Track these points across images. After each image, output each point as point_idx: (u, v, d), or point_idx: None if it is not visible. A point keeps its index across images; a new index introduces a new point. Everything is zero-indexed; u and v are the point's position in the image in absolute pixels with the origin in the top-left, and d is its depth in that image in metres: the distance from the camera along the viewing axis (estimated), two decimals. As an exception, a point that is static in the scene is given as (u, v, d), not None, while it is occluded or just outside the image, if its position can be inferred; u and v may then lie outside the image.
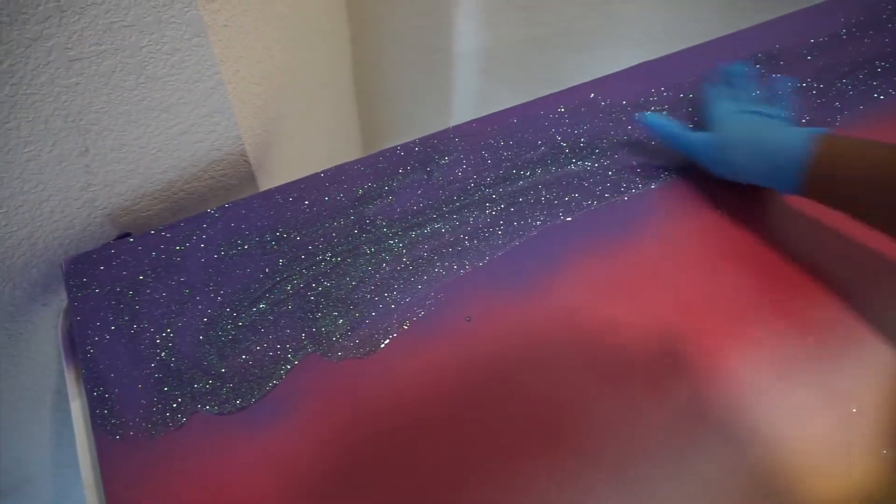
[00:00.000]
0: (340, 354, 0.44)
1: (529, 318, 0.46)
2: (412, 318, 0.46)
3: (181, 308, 0.46)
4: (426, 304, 0.46)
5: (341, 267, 0.48)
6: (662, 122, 0.53)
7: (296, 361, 0.44)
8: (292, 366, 0.44)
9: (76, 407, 0.45)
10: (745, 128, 0.49)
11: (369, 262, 0.48)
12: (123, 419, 0.42)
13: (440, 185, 0.52)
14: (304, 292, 0.47)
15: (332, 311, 0.46)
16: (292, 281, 0.47)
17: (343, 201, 0.51)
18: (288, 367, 0.44)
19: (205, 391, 0.43)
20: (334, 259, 0.48)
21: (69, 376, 0.46)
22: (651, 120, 0.53)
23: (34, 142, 0.44)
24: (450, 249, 0.49)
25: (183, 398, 0.43)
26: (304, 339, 0.45)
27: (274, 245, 0.49)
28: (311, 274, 0.47)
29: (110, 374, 0.43)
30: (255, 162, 0.57)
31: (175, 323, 0.45)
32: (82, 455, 0.43)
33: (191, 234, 0.49)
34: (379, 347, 0.45)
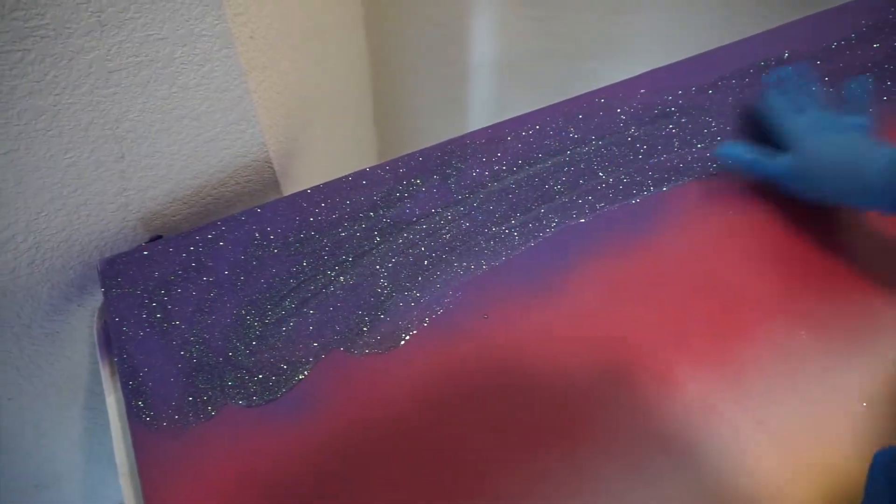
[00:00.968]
0: (363, 350, 0.46)
1: (545, 317, 0.47)
2: (432, 316, 0.47)
3: (210, 306, 0.48)
4: (445, 302, 0.48)
5: (363, 267, 0.50)
6: (739, 152, 0.51)
7: (321, 356, 0.46)
8: (317, 361, 0.46)
9: (111, 401, 0.47)
10: (829, 150, 0.47)
11: (390, 262, 0.50)
12: (157, 411, 0.44)
13: (458, 189, 0.54)
14: (328, 291, 0.49)
15: (354, 309, 0.48)
16: (316, 280, 0.49)
17: (364, 204, 0.53)
18: (313, 362, 0.46)
19: (233, 385, 0.45)
20: (356, 259, 0.50)
21: (104, 372, 0.48)
22: (727, 151, 0.52)
23: (73, 148, 0.46)
24: (467, 250, 0.51)
25: (213, 392, 0.45)
26: (328, 336, 0.47)
27: (298, 246, 0.51)
28: (333, 273, 0.49)
29: (144, 369, 0.45)
30: (278, 168, 0.60)
31: (205, 320, 0.47)
32: (118, 446, 0.45)
33: (219, 236, 0.51)
34: (399, 344, 0.46)
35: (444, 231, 0.52)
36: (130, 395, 0.44)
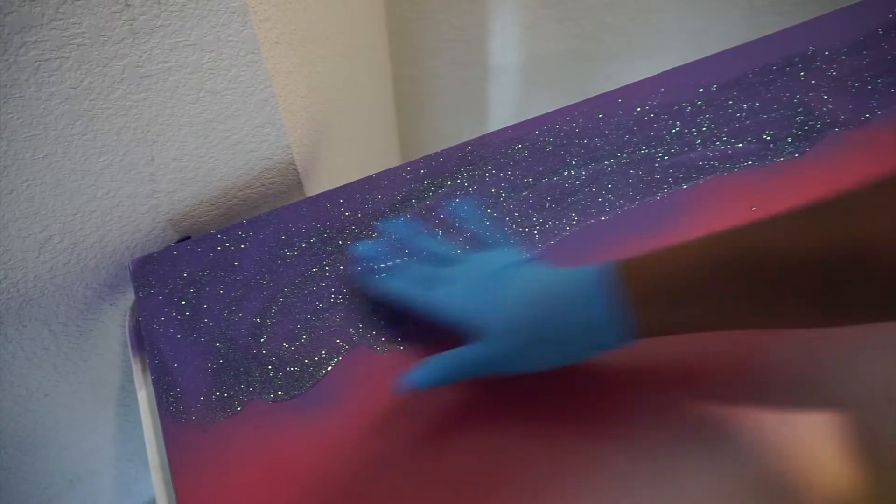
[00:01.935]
0: (385, 347, 0.47)
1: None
2: (452, 313, 0.48)
3: (237, 304, 0.49)
4: (465, 300, 0.49)
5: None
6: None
7: (345, 351, 0.47)
8: (341, 357, 0.47)
9: (143, 396, 0.49)
10: (517, 309, 0.37)
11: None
12: (186, 405, 0.45)
13: (477, 190, 0.54)
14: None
15: (377, 306, 0.49)
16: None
17: (386, 205, 0.54)
18: (337, 358, 0.47)
19: (259, 380, 0.46)
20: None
21: (136, 367, 0.50)
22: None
23: (107, 152, 0.48)
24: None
25: (239, 387, 0.46)
26: (351, 332, 0.48)
27: (321, 246, 0.52)
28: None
29: (174, 364, 0.47)
30: (302, 170, 0.61)
31: (232, 318, 0.49)
32: (149, 439, 0.47)
33: (245, 236, 0.53)
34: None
35: (464, 230, 0.52)
36: (161, 390, 0.46)
